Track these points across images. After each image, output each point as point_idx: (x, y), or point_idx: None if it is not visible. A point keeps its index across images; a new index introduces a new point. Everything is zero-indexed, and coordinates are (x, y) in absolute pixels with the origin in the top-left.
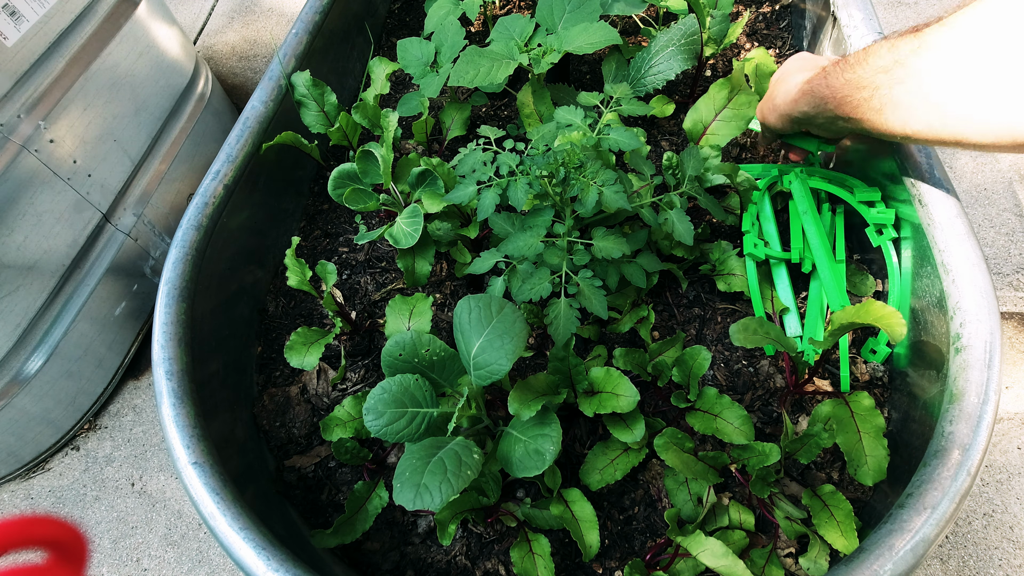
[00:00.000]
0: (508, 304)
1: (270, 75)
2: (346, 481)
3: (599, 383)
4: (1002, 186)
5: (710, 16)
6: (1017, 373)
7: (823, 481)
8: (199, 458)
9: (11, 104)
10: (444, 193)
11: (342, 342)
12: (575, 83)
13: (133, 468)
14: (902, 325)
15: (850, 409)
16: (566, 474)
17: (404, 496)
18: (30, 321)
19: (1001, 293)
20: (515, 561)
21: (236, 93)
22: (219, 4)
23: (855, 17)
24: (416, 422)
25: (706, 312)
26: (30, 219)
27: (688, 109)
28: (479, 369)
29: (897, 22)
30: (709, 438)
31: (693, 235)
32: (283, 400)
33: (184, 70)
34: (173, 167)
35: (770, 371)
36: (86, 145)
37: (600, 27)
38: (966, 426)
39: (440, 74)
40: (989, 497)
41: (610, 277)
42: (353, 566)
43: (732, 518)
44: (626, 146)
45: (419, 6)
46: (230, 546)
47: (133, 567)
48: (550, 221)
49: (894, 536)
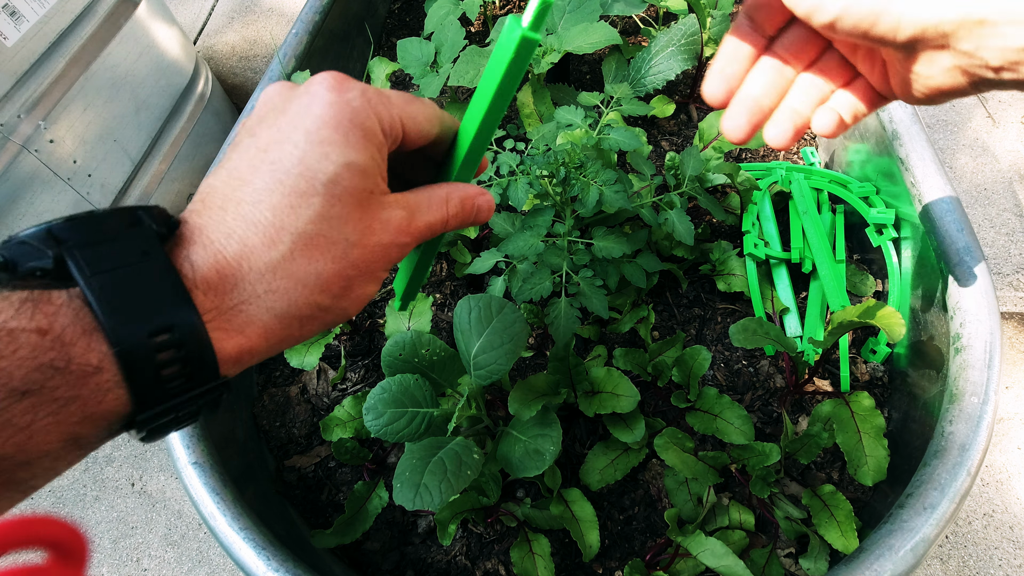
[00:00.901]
0: (508, 304)
1: (270, 75)
2: (346, 481)
3: (599, 383)
4: (1002, 186)
5: (710, 16)
6: (1017, 373)
7: (823, 481)
8: (199, 458)
9: (11, 104)
10: None
11: (342, 342)
12: (575, 83)
13: (133, 468)
14: (901, 325)
15: (850, 409)
16: (566, 474)
17: (404, 496)
18: None
19: (1001, 293)
20: (515, 561)
21: (236, 93)
22: (219, 4)
23: None
24: (416, 422)
25: (706, 312)
26: (30, 219)
27: (688, 109)
28: (479, 369)
29: None
30: (709, 438)
31: (693, 235)
32: (283, 400)
33: (184, 70)
34: (173, 167)
35: (770, 371)
36: (86, 145)
37: (600, 27)
38: (966, 426)
39: (440, 74)
40: (989, 497)
41: (610, 277)
42: (353, 566)
43: (732, 518)
44: (626, 146)
45: (419, 6)
46: (230, 546)
47: (133, 567)
48: (550, 221)
49: (894, 536)
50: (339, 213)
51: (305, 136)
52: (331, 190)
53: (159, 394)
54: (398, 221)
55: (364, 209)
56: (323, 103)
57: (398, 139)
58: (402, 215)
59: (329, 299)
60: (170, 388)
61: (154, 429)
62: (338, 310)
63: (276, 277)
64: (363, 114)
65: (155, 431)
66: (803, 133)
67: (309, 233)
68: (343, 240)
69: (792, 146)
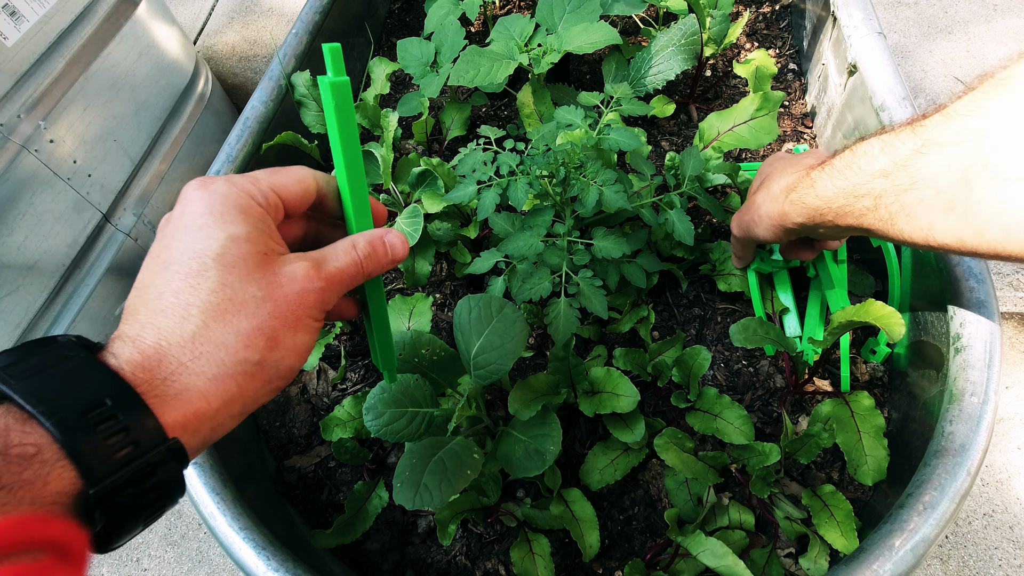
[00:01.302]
0: (508, 304)
1: (270, 75)
2: (346, 481)
3: (599, 383)
4: None
5: (710, 16)
6: (1017, 373)
7: (823, 481)
8: (199, 458)
9: (11, 104)
10: (444, 193)
11: (342, 342)
12: (575, 83)
13: None
14: (901, 325)
15: (850, 409)
16: (566, 474)
17: (404, 496)
18: (30, 321)
19: (1001, 293)
20: (515, 561)
21: (236, 93)
22: (219, 4)
23: (855, 17)
24: (416, 422)
25: (706, 312)
26: (30, 219)
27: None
28: (479, 369)
29: (897, 22)
30: (709, 438)
31: (693, 235)
32: (283, 400)
33: (184, 70)
34: (173, 167)
35: (770, 371)
36: (86, 145)
37: (600, 27)
38: (966, 426)
39: (440, 74)
40: (989, 497)
41: (610, 277)
42: (353, 566)
43: (732, 518)
44: (626, 146)
45: (419, 6)
46: (230, 546)
47: (133, 567)
48: (550, 221)
49: (894, 536)
50: (237, 277)
51: (187, 231)
52: (222, 261)
53: (109, 465)
54: (304, 271)
55: (263, 268)
56: (195, 201)
57: (278, 205)
58: (307, 265)
59: (257, 353)
60: (119, 459)
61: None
62: (274, 362)
63: (197, 345)
64: (233, 196)
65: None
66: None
67: (214, 302)
68: (250, 298)
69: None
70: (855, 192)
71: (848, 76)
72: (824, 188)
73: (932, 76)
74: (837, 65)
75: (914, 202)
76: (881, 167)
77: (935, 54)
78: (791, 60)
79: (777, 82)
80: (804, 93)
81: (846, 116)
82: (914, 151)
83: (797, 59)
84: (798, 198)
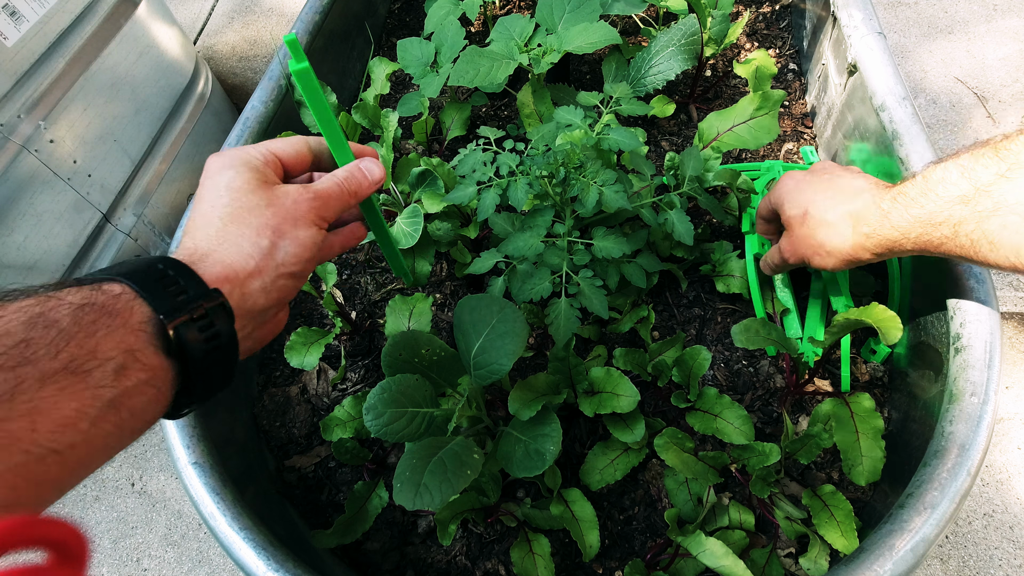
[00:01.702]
0: (508, 304)
1: (270, 75)
2: (346, 481)
3: (599, 383)
4: None
5: (710, 16)
6: (1017, 373)
7: (823, 481)
8: (199, 458)
9: (11, 104)
10: (444, 193)
11: (342, 342)
12: (575, 83)
13: (133, 468)
14: (898, 327)
15: (850, 409)
16: (566, 474)
17: (404, 496)
18: None
19: (1001, 293)
20: (515, 561)
21: (236, 93)
22: (219, 4)
23: (855, 17)
24: (416, 422)
25: (706, 312)
26: (30, 219)
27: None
28: (479, 369)
29: (897, 22)
30: (709, 438)
31: (693, 235)
32: (283, 400)
33: (184, 70)
34: (173, 167)
35: (770, 371)
36: (86, 145)
37: (600, 27)
38: (966, 426)
39: (440, 74)
40: (989, 497)
41: (610, 277)
42: (353, 566)
43: (732, 518)
44: (626, 146)
45: (419, 6)
46: (230, 546)
47: (133, 567)
48: (550, 221)
49: (894, 536)
50: (244, 194)
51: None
52: (231, 187)
53: (172, 303)
54: (296, 190)
55: (263, 188)
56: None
57: (276, 162)
58: (298, 187)
59: (267, 239)
60: (179, 301)
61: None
62: (283, 247)
63: (220, 237)
64: (239, 153)
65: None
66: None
67: (229, 212)
68: (255, 205)
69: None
70: (932, 220)
71: (848, 76)
72: (899, 219)
73: (932, 76)
74: (837, 65)
75: (998, 228)
76: (961, 193)
77: (935, 54)
78: (791, 60)
79: (777, 82)
80: (804, 93)
81: (846, 116)
82: (998, 175)
83: (797, 59)
84: (873, 232)
